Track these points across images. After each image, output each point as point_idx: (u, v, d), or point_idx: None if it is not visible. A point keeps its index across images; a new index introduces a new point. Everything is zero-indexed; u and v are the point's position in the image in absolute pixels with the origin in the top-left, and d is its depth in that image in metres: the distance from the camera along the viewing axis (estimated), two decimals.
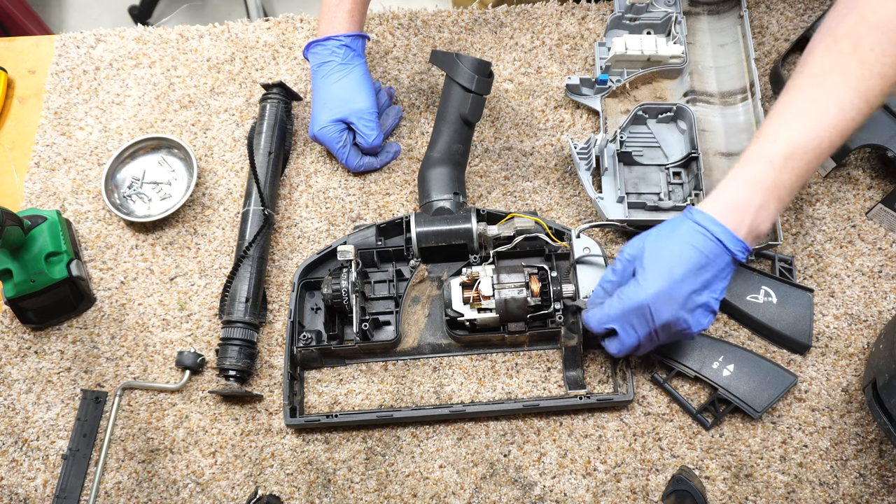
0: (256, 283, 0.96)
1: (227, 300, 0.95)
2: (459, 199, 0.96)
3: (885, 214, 0.98)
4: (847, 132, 0.75)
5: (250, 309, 0.95)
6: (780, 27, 1.12)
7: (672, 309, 0.77)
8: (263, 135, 1.04)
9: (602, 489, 0.89)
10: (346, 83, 1.01)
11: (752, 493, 0.88)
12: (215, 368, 0.95)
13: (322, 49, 1.01)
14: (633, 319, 0.79)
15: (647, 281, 0.77)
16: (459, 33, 1.15)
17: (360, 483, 0.91)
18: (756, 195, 0.75)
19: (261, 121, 1.05)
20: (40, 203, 1.07)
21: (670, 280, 0.76)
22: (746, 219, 0.75)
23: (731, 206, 0.76)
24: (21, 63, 1.17)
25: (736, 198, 0.76)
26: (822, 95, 0.75)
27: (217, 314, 0.99)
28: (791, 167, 0.75)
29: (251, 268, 0.96)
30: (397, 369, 0.96)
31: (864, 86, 0.73)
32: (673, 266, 0.76)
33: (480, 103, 0.97)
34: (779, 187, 0.75)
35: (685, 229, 0.77)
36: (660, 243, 0.79)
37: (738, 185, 0.77)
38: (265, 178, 1.02)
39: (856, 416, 0.91)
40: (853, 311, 0.95)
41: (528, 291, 0.89)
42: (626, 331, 0.81)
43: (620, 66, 1.06)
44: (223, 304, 0.95)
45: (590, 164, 0.99)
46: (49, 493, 0.92)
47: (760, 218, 0.76)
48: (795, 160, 0.75)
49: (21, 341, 0.99)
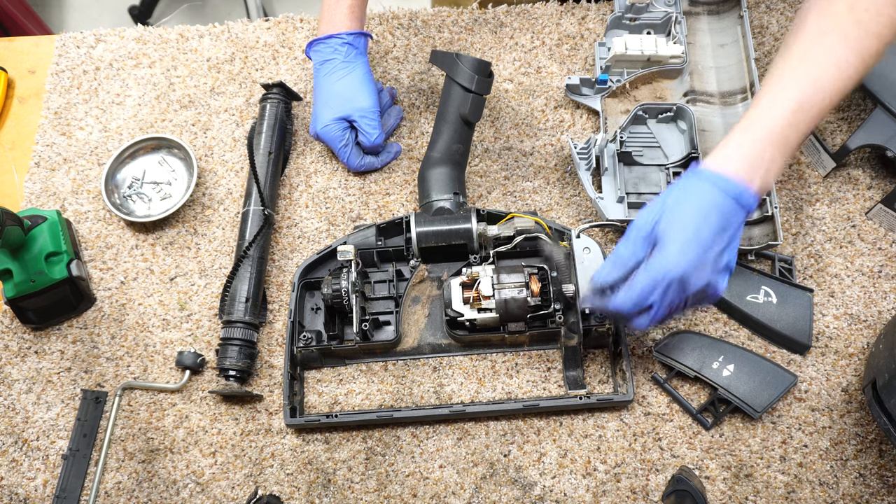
0: (256, 283, 0.96)
1: (227, 300, 0.95)
2: (459, 199, 0.96)
3: (885, 214, 0.98)
4: (845, 91, 0.77)
5: (250, 309, 0.95)
6: (780, 27, 1.12)
7: (706, 274, 0.76)
8: (263, 135, 1.04)
9: (602, 489, 0.89)
10: (349, 81, 1.01)
11: (752, 493, 0.88)
12: (215, 368, 0.95)
13: (324, 47, 1.01)
14: (667, 291, 0.77)
15: (678, 250, 0.75)
16: (459, 33, 1.15)
17: (360, 483, 0.91)
18: (766, 151, 0.76)
19: (261, 121, 1.05)
20: (40, 203, 1.07)
21: (701, 246, 0.75)
22: (758, 174, 0.76)
23: (743, 162, 0.76)
24: (21, 63, 1.17)
25: (746, 154, 0.76)
26: (821, 54, 0.76)
27: (217, 314, 0.99)
28: (797, 123, 0.76)
29: (251, 268, 0.96)
30: (397, 369, 0.96)
31: (861, 45, 0.75)
32: (700, 231, 0.75)
33: (480, 103, 0.97)
34: (786, 143, 0.76)
35: (703, 190, 0.76)
36: (680, 210, 0.76)
37: (746, 140, 0.76)
38: (265, 177, 1.02)
39: (856, 416, 0.91)
40: (853, 311, 0.95)
41: (528, 291, 0.89)
42: (659, 304, 0.77)
43: (620, 66, 1.06)
44: (223, 304, 0.95)
45: (590, 164, 0.99)
46: (49, 493, 0.92)
47: (770, 173, 0.76)
48: (801, 115, 0.76)
49: (21, 341, 0.99)
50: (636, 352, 0.95)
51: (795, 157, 1.04)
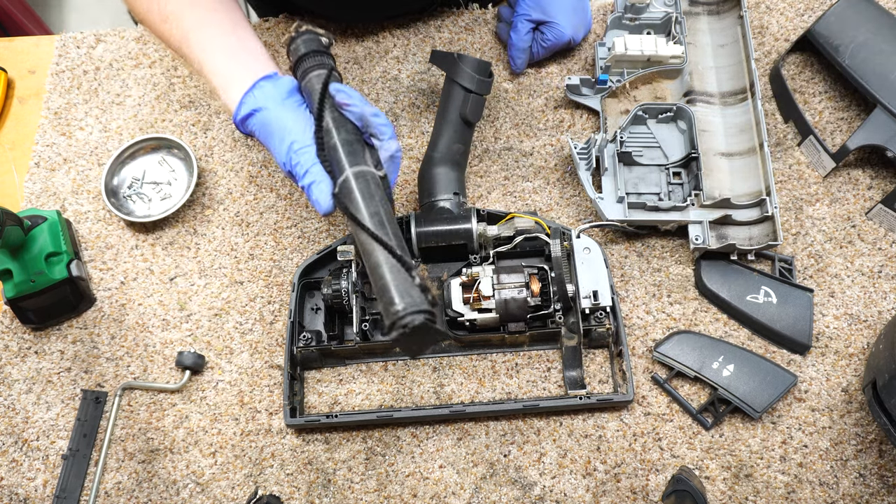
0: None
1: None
2: (459, 199, 0.96)
3: (885, 214, 0.98)
4: None
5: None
6: (780, 27, 1.12)
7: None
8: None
9: (602, 489, 0.89)
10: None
11: (752, 493, 0.88)
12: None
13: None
14: None
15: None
16: (459, 33, 1.15)
17: (360, 483, 0.91)
18: None
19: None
20: (40, 203, 1.07)
21: None
22: None
23: None
24: (21, 63, 1.17)
25: None
26: None
27: (215, 315, 0.99)
28: None
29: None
30: (397, 369, 0.96)
31: None
32: None
33: (480, 103, 0.97)
34: None
35: None
36: None
37: None
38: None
39: (856, 416, 0.91)
40: (853, 311, 0.95)
41: (528, 291, 0.89)
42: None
43: (620, 66, 1.06)
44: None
45: (590, 164, 0.99)
46: (49, 493, 0.92)
47: None
48: None
49: (21, 341, 0.99)
50: (636, 352, 0.95)
51: (795, 157, 1.04)
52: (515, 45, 1.06)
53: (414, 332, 0.60)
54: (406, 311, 0.60)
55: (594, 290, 0.90)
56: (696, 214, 0.95)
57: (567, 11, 1.05)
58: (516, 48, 1.06)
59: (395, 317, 0.61)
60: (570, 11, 1.05)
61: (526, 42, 1.06)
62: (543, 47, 1.07)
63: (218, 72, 0.80)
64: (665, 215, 0.96)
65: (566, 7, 1.05)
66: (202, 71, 0.81)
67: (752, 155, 1.00)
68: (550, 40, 1.06)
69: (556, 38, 1.05)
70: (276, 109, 0.76)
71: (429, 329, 0.61)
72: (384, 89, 1.11)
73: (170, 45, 0.84)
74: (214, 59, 0.80)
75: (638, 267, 0.99)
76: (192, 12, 0.82)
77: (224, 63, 0.80)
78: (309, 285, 0.98)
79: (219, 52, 0.80)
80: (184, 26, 0.81)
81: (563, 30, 1.05)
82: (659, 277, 0.98)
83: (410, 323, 0.60)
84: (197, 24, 0.82)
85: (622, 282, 0.98)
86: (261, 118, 0.76)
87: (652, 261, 0.99)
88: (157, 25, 0.84)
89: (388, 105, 1.10)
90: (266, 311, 0.99)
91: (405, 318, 0.60)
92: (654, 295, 0.97)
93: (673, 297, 0.97)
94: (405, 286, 0.62)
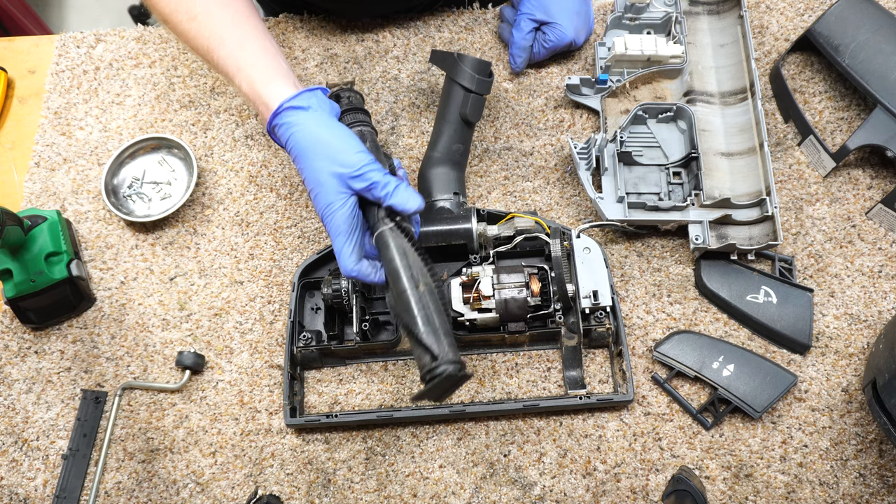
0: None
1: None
2: (459, 199, 0.96)
3: (885, 214, 0.98)
4: None
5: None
6: (780, 27, 1.12)
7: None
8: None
9: (602, 489, 0.89)
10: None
11: (752, 493, 0.88)
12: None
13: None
14: None
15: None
16: (459, 33, 1.15)
17: (360, 483, 0.91)
18: None
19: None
20: (40, 203, 1.07)
21: None
22: None
23: None
24: (21, 63, 1.17)
25: None
26: None
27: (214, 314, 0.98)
28: None
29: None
30: (397, 369, 0.96)
31: None
32: None
33: (480, 103, 0.97)
34: None
35: None
36: None
37: None
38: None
39: (856, 416, 0.91)
40: (853, 311, 0.95)
41: (528, 291, 0.89)
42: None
43: (620, 66, 1.06)
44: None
45: (590, 164, 0.99)
46: (49, 493, 0.92)
47: None
48: None
49: (21, 341, 0.99)
50: (636, 352, 0.95)
51: (795, 157, 1.04)
52: (517, 43, 1.06)
53: (445, 380, 0.68)
54: (440, 362, 0.68)
55: (594, 289, 0.90)
56: (696, 214, 0.95)
57: (570, 14, 1.05)
58: (517, 46, 1.06)
59: (430, 366, 0.68)
60: (573, 14, 1.06)
61: (527, 41, 1.06)
62: (545, 48, 1.07)
63: (258, 66, 0.81)
64: (665, 215, 0.96)
65: (569, 9, 1.05)
66: (238, 65, 0.82)
67: (752, 155, 1.00)
68: (552, 41, 1.06)
69: (558, 39, 1.06)
70: (318, 129, 0.77)
71: (457, 378, 0.68)
72: (384, 89, 1.11)
73: (195, 44, 0.85)
74: (254, 55, 0.82)
75: (638, 267, 0.99)
76: (225, 11, 0.84)
77: (263, 59, 0.82)
78: (309, 285, 0.98)
79: (258, 49, 0.83)
80: (215, 23, 0.83)
81: (565, 31, 1.05)
82: (659, 277, 0.98)
83: (443, 373, 0.67)
84: (231, 22, 0.84)
85: (622, 282, 0.98)
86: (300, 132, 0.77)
87: (652, 261, 0.99)
88: (182, 24, 0.85)
89: (389, 105, 1.10)
90: (266, 311, 0.99)
91: (439, 369, 0.68)
92: (654, 295, 0.97)
93: (673, 296, 0.97)
94: (436, 340, 0.70)
